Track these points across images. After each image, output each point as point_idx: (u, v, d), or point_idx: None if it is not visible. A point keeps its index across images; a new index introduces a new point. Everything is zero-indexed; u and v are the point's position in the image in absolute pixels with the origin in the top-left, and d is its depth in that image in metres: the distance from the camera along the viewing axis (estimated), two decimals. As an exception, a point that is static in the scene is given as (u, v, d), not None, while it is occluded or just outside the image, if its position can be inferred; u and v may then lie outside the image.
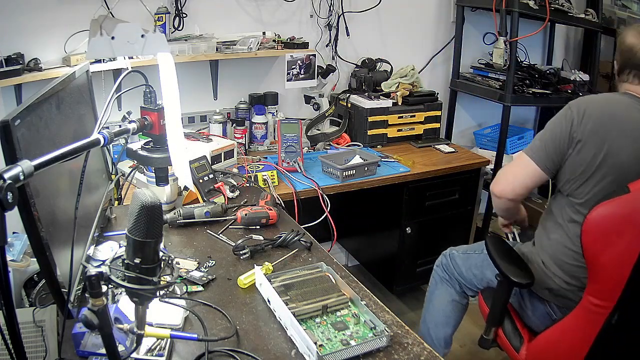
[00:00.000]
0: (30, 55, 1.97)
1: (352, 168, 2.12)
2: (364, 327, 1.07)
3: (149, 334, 0.90)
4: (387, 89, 2.64)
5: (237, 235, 1.50)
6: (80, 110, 1.25)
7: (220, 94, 2.45)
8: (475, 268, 1.76)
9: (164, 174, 1.45)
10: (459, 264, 1.82)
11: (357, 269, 2.94)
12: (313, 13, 2.60)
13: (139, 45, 1.14)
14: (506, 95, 2.64)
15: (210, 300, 1.18)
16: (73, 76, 1.20)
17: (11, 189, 0.61)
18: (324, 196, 1.97)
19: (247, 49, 2.29)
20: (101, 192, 1.40)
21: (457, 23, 2.92)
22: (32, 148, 0.86)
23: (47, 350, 0.98)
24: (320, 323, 1.08)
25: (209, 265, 1.33)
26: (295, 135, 2.15)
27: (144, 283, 0.77)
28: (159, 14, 2.18)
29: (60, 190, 1.03)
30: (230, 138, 2.33)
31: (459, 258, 1.84)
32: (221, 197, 1.71)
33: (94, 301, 0.72)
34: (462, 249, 1.88)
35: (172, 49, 2.02)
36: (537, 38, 3.10)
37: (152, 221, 0.75)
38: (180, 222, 1.53)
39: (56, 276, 0.89)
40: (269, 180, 1.99)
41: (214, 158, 2.04)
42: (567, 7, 2.69)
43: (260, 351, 1.03)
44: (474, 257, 1.79)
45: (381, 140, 2.56)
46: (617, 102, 1.44)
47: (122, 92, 1.29)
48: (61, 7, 2.04)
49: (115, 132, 1.06)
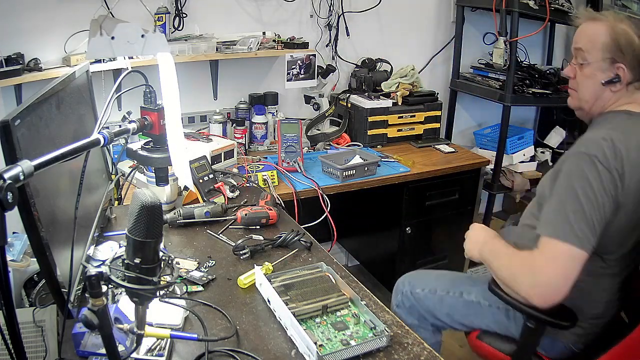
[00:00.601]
0: (30, 55, 1.97)
1: (352, 168, 2.12)
2: (364, 327, 1.07)
3: (149, 334, 0.90)
4: (387, 89, 2.64)
5: (237, 235, 1.50)
6: (80, 110, 1.25)
7: (220, 94, 2.45)
8: (461, 316, 1.52)
9: (164, 174, 1.45)
10: (431, 307, 1.56)
11: (357, 269, 2.94)
12: (313, 13, 2.60)
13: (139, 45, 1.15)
14: (506, 95, 2.64)
15: (210, 300, 1.18)
16: (73, 76, 1.20)
17: (11, 189, 0.61)
18: (324, 196, 1.97)
19: (247, 49, 2.29)
20: (101, 192, 1.40)
21: (457, 23, 2.92)
22: (32, 148, 0.86)
23: (47, 350, 0.98)
24: (320, 323, 1.08)
25: (209, 265, 1.33)
26: (295, 135, 2.15)
27: (144, 283, 0.77)
28: (159, 14, 2.18)
29: (60, 190, 1.03)
30: (230, 138, 2.33)
31: (429, 300, 1.56)
32: (221, 197, 1.71)
33: (94, 301, 0.72)
34: (425, 284, 1.60)
35: (172, 49, 2.02)
36: (537, 38, 3.10)
37: (152, 221, 0.76)
38: (180, 222, 1.53)
39: (56, 276, 0.89)
40: (269, 180, 1.99)
41: (214, 158, 2.04)
42: (567, 7, 2.69)
43: (260, 351, 1.03)
44: (450, 300, 1.54)
45: (381, 140, 2.56)
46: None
47: (122, 92, 1.29)
48: (61, 7, 2.04)
49: (115, 132, 1.06)
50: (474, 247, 1.41)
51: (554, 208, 1.19)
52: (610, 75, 1.32)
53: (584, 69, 1.35)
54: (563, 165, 1.23)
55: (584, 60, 1.35)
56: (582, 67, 1.35)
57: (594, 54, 1.32)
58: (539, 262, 1.17)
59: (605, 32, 1.30)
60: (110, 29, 1.25)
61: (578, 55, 1.37)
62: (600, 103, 1.36)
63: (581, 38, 1.36)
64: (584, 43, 1.34)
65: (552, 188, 1.23)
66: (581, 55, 1.35)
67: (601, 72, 1.33)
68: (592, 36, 1.33)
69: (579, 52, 1.36)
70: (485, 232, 1.42)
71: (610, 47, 1.30)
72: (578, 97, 1.39)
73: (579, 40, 1.37)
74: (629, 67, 1.30)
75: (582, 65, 1.36)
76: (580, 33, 1.37)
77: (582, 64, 1.35)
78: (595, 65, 1.33)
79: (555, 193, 1.21)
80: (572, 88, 1.42)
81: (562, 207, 1.17)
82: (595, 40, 1.32)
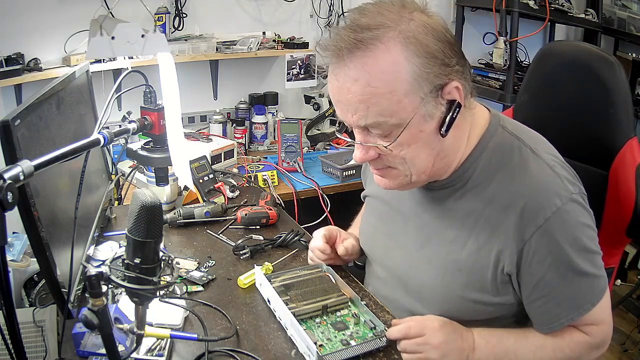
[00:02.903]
0: (30, 55, 1.97)
1: (352, 168, 2.11)
2: (364, 327, 1.07)
3: (149, 334, 0.90)
4: (387, 89, 2.64)
5: (237, 235, 1.49)
6: (80, 110, 1.25)
7: (220, 94, 2.46)
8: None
9: (164, 174, 1.45)
10: None
11: (357, 269, 2.93)
12: (313, 13, 2.60)
13: (139, 45, 1.15)
14: (506, 95, 2.63)
15: (210, 300, 1.18)
16: (73, 76, 1.20)
17: (11, 189, 0.61)
18: (324, 196, 1.97)
19: (247, 49, 2.29)
20: (101, 192, 1.40)
21: (457, 23, 2.92)
22: (32, 148, 0.86)
23: (47, 350, 0.98)
24: (320, 323, 1.08)
25: (209, 265, 1.33)
26: (295, 135, 2.15)
27: (144, 283, 0.77)
28: (159, 14, 2.18)
29: (60, 190, 1.03)
30: (230, 138, 2.33)
31: None
32: (221, 197, 1.71)
33: (94, 301, 0.72)
34: None
35: (172, 49, 2.02)
36: (537, 38, 3.09)
37: (152, 221, 0.75)
38: (180, 222, 1.53)
39: (56, 276, 0.89)
40: (269, 180, 1.99)
41: (214, 158, 2.04)
42: (567, 7, 2.69)
43: (260, 351, 1.02)
44: None
45: (381, 140, 2.55)
46: None
47: (122, 92, 1.29)
48: (61, 7, 2.04)
49: (115, 132, 1.06)
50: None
51: (583, 283, 0.93)
52: (441, 113, 0.86)
53: (399, 139, 0.86)
54: (540, 248, 0.90)
55: (391, 130, 0.85)
56: (392, 140, 0.86)
57: (404, 109, 0.83)
58: (604, 330, 0.98)
59: (404, 57, 0.80)
60: (110, 29, 1.25)
61: (374, 130, 0.86)
62: (442, 159, 0.93)
63: (363, 102, 0.82)
64: (377, 108, 0.82)
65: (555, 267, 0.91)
66: (381, 128, 0.85)
67: (428, 120, 0.86)
68: (383, 86, 0.81)
69: (375, 127, 0.86)
70: (453, 332, 0.97)
71: (427, 73, 0.82)
72: (405, 174, 0.93)
73: (359, 108, 0.83)
74: (460, 74, 0.86)
75: (389, 136, 0.86)
76: (351, 93, 0.82)
77: (389, 135, 0.86)
78: (416, 119, 0.84)
79: (565, 274, 0.91)
80: (386, 167, 0.93)
81: (587, 273, 0.92)
82: (395, 86, 0.81)
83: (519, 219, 0.90)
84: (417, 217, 1.08)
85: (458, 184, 0.99)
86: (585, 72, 1.26)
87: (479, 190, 0.96)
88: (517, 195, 0.91)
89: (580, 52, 1.31)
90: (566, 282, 0.92)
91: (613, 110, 1.21)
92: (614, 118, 1.22)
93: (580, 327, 0.97)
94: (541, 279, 0.92)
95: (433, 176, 0.97)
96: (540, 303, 0.95)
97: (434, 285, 1.03)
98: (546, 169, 0.93)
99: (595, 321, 0.96)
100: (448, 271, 1.00)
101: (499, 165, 0.95)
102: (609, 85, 1.21)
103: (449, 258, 1.00)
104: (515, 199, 0.91)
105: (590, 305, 0.93)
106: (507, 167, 0.94)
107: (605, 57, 1.24)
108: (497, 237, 0.94)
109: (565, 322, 0.94)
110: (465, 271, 0.98)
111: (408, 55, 0.81)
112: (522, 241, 0.91)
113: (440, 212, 1.02)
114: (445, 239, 1.01)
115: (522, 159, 0.94)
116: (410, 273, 1.09)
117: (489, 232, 0.95)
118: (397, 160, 0.90)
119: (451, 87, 0.85)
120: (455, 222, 1.00)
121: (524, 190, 0.91)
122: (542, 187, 0.90)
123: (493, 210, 0.94)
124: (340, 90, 0.85)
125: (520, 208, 0.90)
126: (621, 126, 1.22)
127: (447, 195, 1.01)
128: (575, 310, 0.93)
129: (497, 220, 0.93)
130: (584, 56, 1.28)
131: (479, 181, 0.96)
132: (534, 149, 0.96)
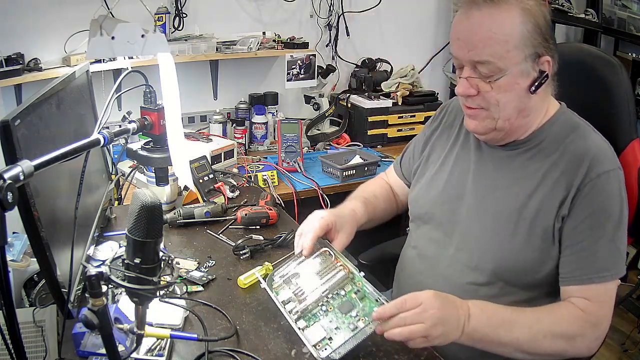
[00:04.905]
0: (30, 55, 1.97)
1: (352, 168, 2.12)
2: (369, 301, 1.05)
3: (149, 334, 0.90)
4: (387, 89, 2.64)
5: (237, 235, 1.50)
6: (80, 110, 1.25)
7: (220, 94, 2.46)
8: None
9: (164, 174, 1.45)
10: None
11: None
12: (313, 13, 2.60)
13: (139, 45, 1.15)
14: (506, 95, 2.64)
15: (210, 300, 1.18)
16: (73, 76, 1.20)
17: (11, 189, 0.61)
18: (324, 196, 1.97)
19: (247, 49, 2.29)
20: (101, 192, 1.40)
21: (457, 23, 2.92)
22: (32, 148, 0.86)
23: (47, 350, 0.98)
24: (327, 310, 1.06)
25: (209, 265, 1.33)
26: (295, 135, 2.16)
27: (144, 283, 0.77)
28: (159, 14, 2.18)
29: (60, 190, 1.03)
30: (230, 138, 2.33)
31: None
32: (221, 197, 1.71)
33: (94, 301, 0.72)
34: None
35: (172, 49, 2.02)
36: (537, 38, 3.09)
37: (152, 221, 0.75)
38: (180, 222, 1.53)
39: (56, 276, 0.89)
40: (269, 180, 1.99)
41: (214, 158, 2.04)
42: (567, 7, 2.70)
43: (260, 351, 1.03)
44: None
45: (381, 140, 2.56)
46: None
47: (122, 92, 1.29)
48: (61, 7, 2.04)
49: (115, 132, 1.06)
50: (445, 330, 0.95)
51: (607, 248, 1.02)
52: (534, 76, 1.03)
53: (499, 81, 1.01)
54: (587, 197, 1.02)
55: (495, 72, 1.01)
56: (493, 81, 1.02)
57: (510, 58, 0.99)
58: (602, 313, 1.03)
59: (520, 20, 0.99)
60: (110, 29, 1.25)
61: (482, 68, 1.01)
62: (524, 116, 1.08)
63: (482, 41, 1.00)
64: (491, 49, 0.99)
65: (584, 225, 1.02)
66: (488, 67, 1.00)
67: (524, 76, 1.02)
68: (501, 34, 0.98)
69: (484, 65, 1.01)
70: (448, 300, 0.99)
71: (532, 39, 1.00)
72: (493, 117, 1.06)
73: (478, 46, 1.00)
74: (553, 53, 1.04)
75: (491, 77, 1.01)
76: (475, 33, 1.01)
77: (492, 75, 1.01)
78: (516, 70, 1.01)
79: (597, 229, 1.02)
80: (479, 107, 1.07)
81: (614, 244, 1.02)
82: (509, 37, 0.99)
83: (584, 168, 1.03)
84: (482, 173, 1.18)
85: (532, 144, 1.12)
86: (588, 74, 1.28)
87: (549, 152, 1.09)
88: (586, 149, 1.05)
89: (583, 53, 1.32)
90: (596, 237, 1.01)
91: (615, 112, 1.24)
92: (617, 119, 1.24)
93: (583, 299, 1.02)
94: (580, 224, 1.02)
95: (512, 130, 1.10)
96: (568, 252, 1.04)
97: (491, 237, 1.12)
98: (606, 142, 1.09)
99: (597, 298, 1.02)
100: (511, 221, 1.10)
101: (569, 133, 1.09)
102: (611, 87, 1.23)
103: (514, 207, 1.10)
104: (585, 151, 1.05)
105: (607, 275, 1.02)
106: (575, 132, 1.09)
107: (607, 59, 1.26)
108: (564, 186, 1.05)
109: (583, 279, 1.02)
110: (529, 219, 1.07)
111: (524, 20, 0.99)
112: (582, 184, 1.03)
113: (510, 169, 1.14)
114: (512, 191, 1.11)
115: (587, 132, 1.10)
116: (470, 224, 1.17)
117: (554, 183, 1.06)
118: (492, 101, 1.04)
119: (545, 59, 1.02)
120: (523, 177, 1.11)
121: (592, 146, 1.06)
122: (606, 149, 1.07)
123: (562, 162, 1.06)
124: (467, 28, 1.02)
125: (590, 158, 1.04)
126: (623, 128, 1.24)
127: (518, 155, 1.13)
128: (594, 272, 1.01)
129: (565, 170, 1.05)
130: (586, 58, 1.30)
131: (549, 145, 1.10)
132: (594, 129, 1.12)
